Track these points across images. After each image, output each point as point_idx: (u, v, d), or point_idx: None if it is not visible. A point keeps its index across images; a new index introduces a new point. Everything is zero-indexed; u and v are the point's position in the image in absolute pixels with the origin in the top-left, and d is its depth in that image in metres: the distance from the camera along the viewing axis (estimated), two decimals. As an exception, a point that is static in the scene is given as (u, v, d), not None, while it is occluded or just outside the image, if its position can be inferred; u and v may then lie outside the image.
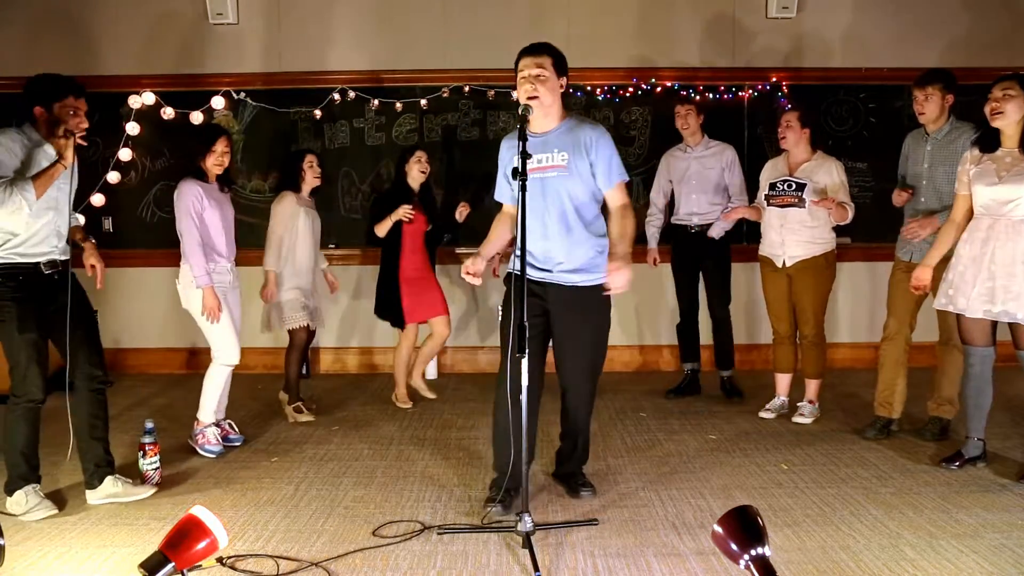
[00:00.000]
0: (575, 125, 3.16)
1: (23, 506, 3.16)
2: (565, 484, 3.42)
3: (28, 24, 5.57)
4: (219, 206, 3.92)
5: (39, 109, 3.16)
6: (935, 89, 3.83)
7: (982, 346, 3.50)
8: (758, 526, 1.90)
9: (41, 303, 3.14)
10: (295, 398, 4.58)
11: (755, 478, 3.55)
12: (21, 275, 3.10)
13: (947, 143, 3.86)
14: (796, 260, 4.29)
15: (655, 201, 4.99)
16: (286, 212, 4.43)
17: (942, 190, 3.86)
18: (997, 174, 3.37)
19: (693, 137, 4.81)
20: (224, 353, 3.94)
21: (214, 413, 3.98)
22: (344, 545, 2.89)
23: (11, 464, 3.18)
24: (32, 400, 3.14)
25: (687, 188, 4.82)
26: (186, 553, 2.06)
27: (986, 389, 3.53)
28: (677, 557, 2.77)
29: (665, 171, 4.95)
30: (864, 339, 5.72)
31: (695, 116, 4.76)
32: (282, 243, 4.42)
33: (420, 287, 4.68)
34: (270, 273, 4.42)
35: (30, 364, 3.10)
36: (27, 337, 3.09)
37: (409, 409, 4.79)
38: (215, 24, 5.54)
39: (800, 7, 5.52)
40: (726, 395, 4.94)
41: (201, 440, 3.92)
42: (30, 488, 3.19)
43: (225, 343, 3.92)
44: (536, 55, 3.09)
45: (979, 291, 3.41)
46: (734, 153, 4.81)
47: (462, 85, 5.55)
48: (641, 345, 5.80)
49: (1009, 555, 2.75)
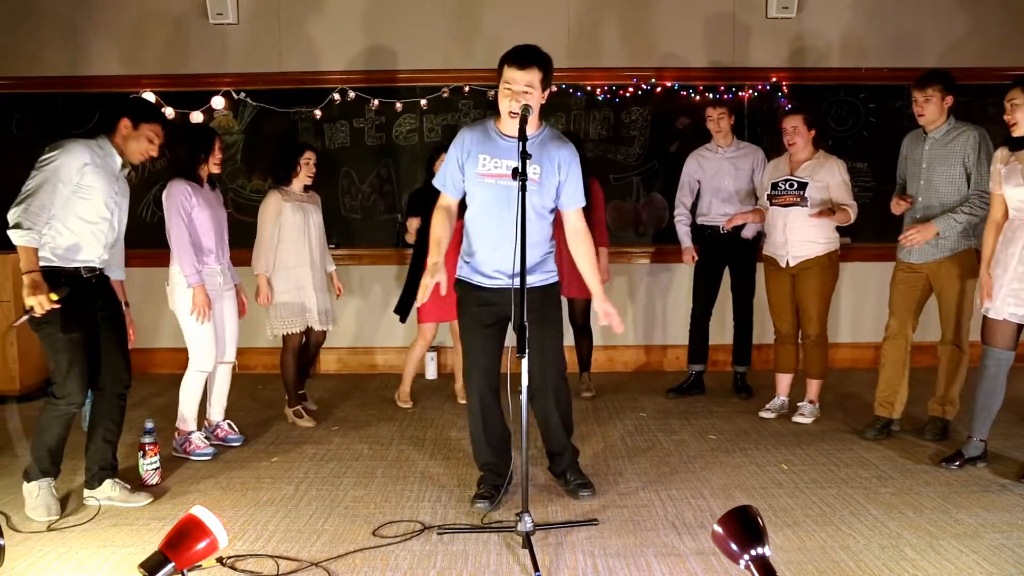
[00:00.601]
0: (550, 138, 3.15)
1: (33, 498, 3.18)
2: (563, 483, 3.41)
3: (28, 24, 5.57)
4: (209, 207, 3.89)
5: (126, 122, 3.25)
6: (935, 91, 3.82)
7: (1002, 348, 3.48)
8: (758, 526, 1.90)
9: (83, 305, 3.17)
10: (295, 401, 4.53)
11: (755, 478, 3.55)
12: (63, 278, 3.12)
13: (945, 143, 3.85)
14: (800, 260, 4.29)
15: (683, 201, 4.96)
16: (268, 212, 4.31)
17: (940, 190, 3.86)
18: (1023, 174, 3.37)
19: (725, 139, 4.82)
20: (200, 359, 3.87)
21: (194, 420, 3.93)
22: (344, 545, 2.89)
23: (36, 457, 3.21)
24: (72, 403, 3.16)
25: (718, 189, 4.81)
26: (186, 553, 2.07)
27: (998, 392, 3.53)
28: (677, 557, 2.77)
29: (694, 171, 4.93)
30: (865, 339, 5.72)
31: (727, 119, 4.79)
32: (270, 245, 4.30)
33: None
34: (260, 277, 4.30)
35: (72, 367, 3.12)
36: (71, 337, 3.11)
37: (409, 409, 4.79)
38: (215, 24, 5.53)
39: (800, 7, 5.52)
40: (736, 391, 4.97)
41: (190, 447, 3.88)
42: (45, 482, 3.20)
43: (203, 349, 3.87)
44: (526, 69, 2.98)
45: (1006, 292, 3.40)
46: (763, 155, 4.84)
47: (462, 85, 5.55)
48: (643, 345, 5.80)
49: (1009, 555, 2.75)
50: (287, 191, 4.41)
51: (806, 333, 4.41)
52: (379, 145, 5.66)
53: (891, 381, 4.06)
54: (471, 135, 3.16)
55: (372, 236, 5.66)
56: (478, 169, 3.11)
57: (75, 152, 3.10)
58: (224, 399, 4.15)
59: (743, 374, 5.01)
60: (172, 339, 5.71)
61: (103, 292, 3.32)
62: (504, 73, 3.03)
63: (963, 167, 3.80)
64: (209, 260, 3.90)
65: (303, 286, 4.38)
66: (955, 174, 3.82)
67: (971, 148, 3.77)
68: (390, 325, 5.67)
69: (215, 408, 4.14)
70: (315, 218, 4.47)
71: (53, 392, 3.16)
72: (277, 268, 4.33)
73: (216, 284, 3.93)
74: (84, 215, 3.16)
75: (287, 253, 4.34)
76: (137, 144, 3.27)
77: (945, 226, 3.77)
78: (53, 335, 3.09)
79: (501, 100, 3.05)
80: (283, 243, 4.33)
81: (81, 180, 3.12)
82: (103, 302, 3.30)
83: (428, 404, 4.90)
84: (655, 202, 5.65)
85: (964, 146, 3.79)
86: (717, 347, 5.09)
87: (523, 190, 2.78)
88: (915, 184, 3.97)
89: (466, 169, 3.14)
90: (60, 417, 3.17)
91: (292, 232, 4.34)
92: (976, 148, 3.76)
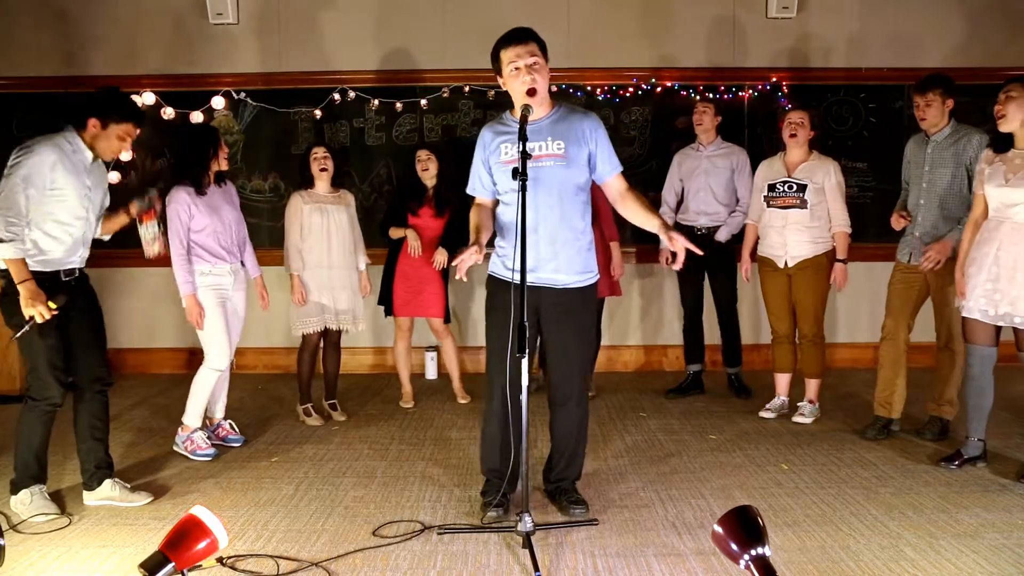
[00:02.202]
0: (567, 113, 3.07)
1: (27, 505, 3.16)
2: (555, 501, 3.24)
3: (27, 24, 5.56)
4: (214, 209, 3.88)
5: (95, 121, 3.15)
6: (935, 95, 3.82)
7: (984, 346, 3.50)
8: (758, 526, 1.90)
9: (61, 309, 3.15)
10: (306, 399, 4.54)
11: (755, 478, 3.55)
12: (45, 283, 3.09)
13: (947, 146, 3.86)
14: (798, 260, 4.30)
15: (667, 199, 4.99)
16: (290, 213, 4.40)
17: (942, 193, 3.86)
18: (1005, 176, 3.37)
19: (706, 136, 4.82)
20: (213, 357, 3.90)
21: (200, 417, 3.93)
22: (344, 545, 2.89)
23: (22, 463, 3.19)
24: (51, 403, 3.15)
25: (696, 187, 4.82)
26: (186, 553, 2.06)
27: (987, 390, 3.53)
28: (677, 557, 2.77)
29: (677, 169, 4.95)
30: (864, 339, 5.72)
31: (711, 116, 4.78)
32: (295, 244, 4.36)
33: (417, 283, 4.66)
34: (292, 277, 4.36)
35: (49, 368, 3.11)
36: (47, 342, 3.10)
37: (410, 409, 4.79)
38: (215, 24, 5.53)
39: (800, 7, 5.52)
40: (735, 393, 4.96)
41: (191, 447, 3.87)
42: (36, 488, 3.20)
43: (215, 347, 3.89)
44: (526, 43, 2.94)
45: (980, 292, 3.42)
46: (746, 157, 4.81)
47: (462, 85, 5.55)
48: (643, 345, 5.80)
49: (1009, 555, 2.75)
50: (309, 192, 4.45)
51: (803, 333, 4.41)
52: (379, 145, 5.66)
53: (889, 381, 4.06)
54: (490, 130, 3.12)
55: (372, 236, 5.65)
56: (502, 159, 3.04)
57: (42, 152, 3.03)
58: (224, 397, 4.16)
59: (736, 375, 5.00)
60: (172, 339, 5.72)
61: (82, 292, 3.27)
62: (504, 57, 2.97)
63: (965, 170, 3.80)
64: (218, 261, 3.91)
65: (320, 287, 4.41)
66: (957, 177, 3.82)
67: (973, 151, 3.76)
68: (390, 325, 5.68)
69: (218, 405, 4.15)
70: (338, 218, 4.45)
71: (31, 395, 3.15)
72: (288, 269, 4.39)
73: (227, 284, 3.95)
74: (60, 218, 3.11)
75: (307, 254, 4.40)
76: (107, 144, 3.18)
77: (958, 238, 3.73)
78: (29, 338, 3.07)
79: (512, 83, 2.96)
80: (304, 243, 4.39)
81: (54, 180, 3.06)
82: (83, 302, 3.25)
83: (428, 404, 4.90)
84: (656, 202, 5.65)
85: (967, 149, 3.79)
86: (716, 347, 5.08)
87: (523, 190, 2.74)
88: (918, 187, 3.97)
89: (491, 163, 3.08)
90: (41, 417, 3.15)
91: (311, 234, 4.39)
92: (978, 151, 3.74)
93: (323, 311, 4.43)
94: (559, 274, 3.03)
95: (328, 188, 4.49)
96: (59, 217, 3.12)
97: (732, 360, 4.99)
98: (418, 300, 4.69)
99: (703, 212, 4.79)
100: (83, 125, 3.17)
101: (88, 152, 3.18)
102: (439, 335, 4.85)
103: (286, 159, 5.52)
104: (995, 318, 3.40)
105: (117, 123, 3.17)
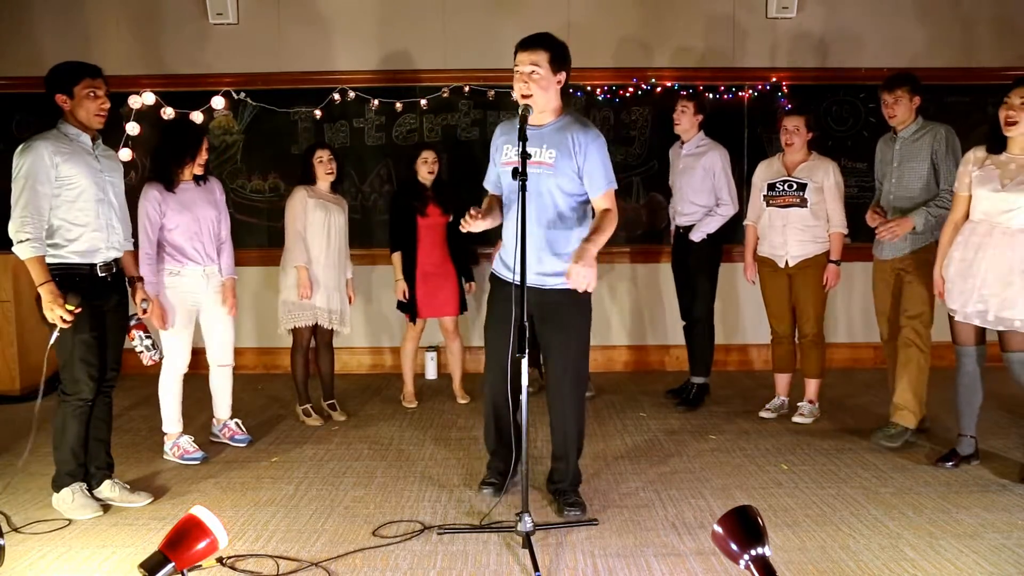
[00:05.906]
0: (569, 124, 3.08)
1: (69, 503, 3.17)
2: (555, 502, 3.25)
3: (27, 24, 5.56)
4: (187, 208, 3.81)
5: (61, 96, 3.16)
6: (903, 91, 3.93)
7: (973, 345, 3.52)
8: (758, 526, 1.90)
9: (96, 304, 3.17)
10: (304, 400, 4.54)
11: (755, 478, 3.55)
12: (78, 277, 3.12)
13: (914, 140, 3.95)
14: (799, 259, 4.30)
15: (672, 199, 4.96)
16: (295, 204, 4.36)
17: (911, 186, 3.95)
18: (1000, 180, 3.36)
19: (685, 134, 4.71)
20: (169, 360, 3.84)
21: (178, 421, 3.88)
22: (344, 545, 2.89)
23: (60, 461, 3.20)
24: (83, 399, 3.17)
25: (677, 186, 4.79)
26: (186, 553, 2.06)
27: (977, 388, 3.56)
28: (677, 557, 2.77)
29: (670, 168, 4.95)
30: (863, 339, 5.72)
31: (690, 115, 4.62)
32: (298, 237, 4.32)
33: (435, 283, 4.67)
34: (300, 270, 4.30)
35: (82, 364, 3.14)
36: (81, 338, 3.12)
37: (411, 409, 4.79)
38: (215, 24, 5.53)
39: (800, 7, 5.52)
40: (683, 401, 4.71)
41: (179, 452, 3.84)
42: (77, 486, 3.21)
43: (173, 350, 3.83)
44: (531, 50, 2.99)
45: (969, 296, 3.42)
46: (720, 156, 4.62)
47: (462, 85, 5.55)
48: (643, 345, 5.80)
49: (1009, 555, 2.75)
50: (313, 188, 4.44)
51: (803, 332, 4.41)
52: (379, 145, 5.66)
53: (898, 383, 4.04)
54: (500, 129, 3.22)
55: (372, 236, 5.66)
56: (502, 158, 3.13)
57: (39, 149, 3.05)
58: (227, 397, 4.14)
59: (701, 385, 4.75)
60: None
61: (117, 289, 3.31)
62: (515, 60, 3.05)
63: (931, 163, 3.89)
64: (188, 262, 3.84)
65: (315, 282, 4.38)
66: (924, 170, 3.91)
67: (939, 144, 3.87)
68: (390, 325, 5.68)
69: (221, 407, 4.15)
70: (337, 219, 4.46)
71: (64, 390, 3.17)
72: (292, 262, 4.33)
73: (197, 287, 3.87)
74: (79, 204, 3.13)
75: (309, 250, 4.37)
76: (85, 109, 3.15)
77: (921, 220, 3.83)
78: (64, 334, 3.09)
79: (514, 89, 3.06)
80: (307, 240, 4.37)
81: (59, 173, 3.07)
82: (116, 300, 3.30)
83: (428, 404, 4.90)
84: (655, 202, 5.65)
85: (932, 142, 3.89)
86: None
87: (523, 190, 2.77)
88: (888, 182, 4.06)
89: (496, 161, 3.18)
90: (73, 412, 3.17)
91: (312, 228, 4.37)
92: (944, 143, 3.86)
93: (313, 306, 4.39)
94: (545, 276, 3.09)
95: (329, 189, 4.50)
96: (78, 204, 3.14)
97: (696, 368, 4.77)
98: (437, 301, 4.70)
99: (680, 212, 4.75)
100: (61, 111, 3.18)
101: (85, 135, 3.19)
102: (449, 335, 4.85)
103: (286, 159, 5.52)
104: (994, 323, 3.39)
105: (74, 85, 3.15)
